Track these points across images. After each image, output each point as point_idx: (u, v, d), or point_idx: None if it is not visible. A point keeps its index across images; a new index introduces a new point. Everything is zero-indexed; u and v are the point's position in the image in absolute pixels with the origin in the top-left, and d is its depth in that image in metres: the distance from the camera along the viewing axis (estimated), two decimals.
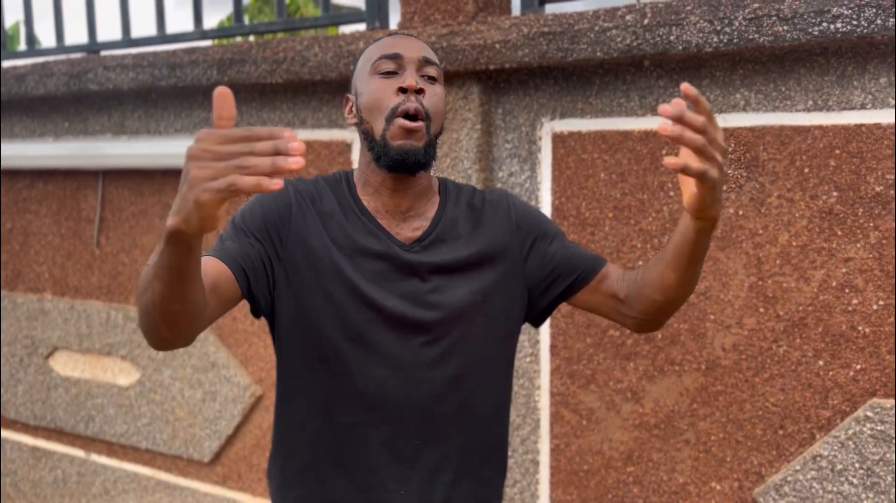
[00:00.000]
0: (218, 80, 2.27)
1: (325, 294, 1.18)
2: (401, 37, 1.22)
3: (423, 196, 1.23)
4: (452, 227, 1.23)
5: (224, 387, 2.48)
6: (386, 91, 1.16)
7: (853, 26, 1.51)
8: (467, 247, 1.22)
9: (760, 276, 1.73)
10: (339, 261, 1.19)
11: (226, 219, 2.24)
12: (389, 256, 1.20)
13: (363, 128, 1.20)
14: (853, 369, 1.66)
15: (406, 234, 1.22)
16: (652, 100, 1.80)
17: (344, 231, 1.20)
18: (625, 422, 1.90)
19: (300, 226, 1.19)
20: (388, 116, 1.15)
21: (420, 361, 1.20)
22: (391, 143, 1.15)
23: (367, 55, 1.23)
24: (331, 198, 1.23)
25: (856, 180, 1.62)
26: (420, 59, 1.18)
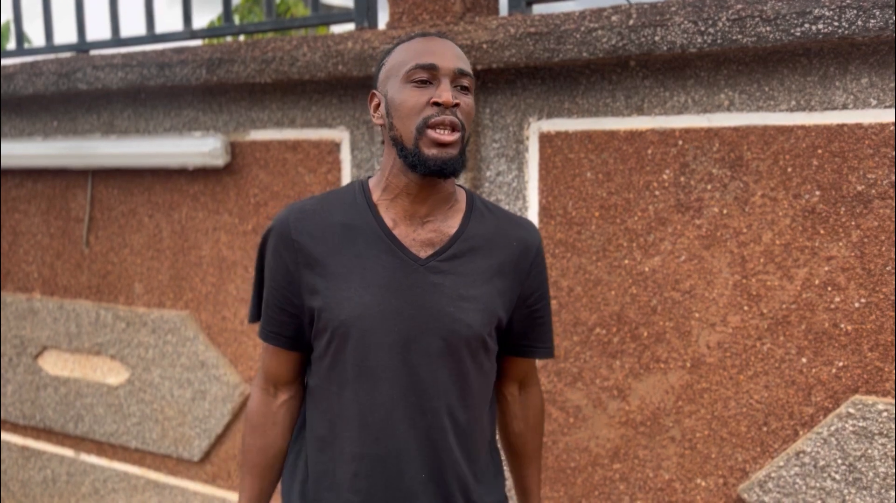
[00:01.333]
0: (207, 79, 2.28)
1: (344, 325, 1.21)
2: (435, 41, 1.20)
3: (444, 202, 1.24)
4: (472, 246, 1.23)
5: (214, 386, 2.48)
6: (420, 100, 1.16)
7: (834, 27, 1.53)
8: (480, 273, 1.23)
9: (745, 275, 1.75)
10: (349, 286, 1.21)
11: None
12: (403, 271, 1.20)
13: (392, 133, 1.19)
14: (836, 366, 1.67)
15: (422, 240, 1.22)
16: (637, 100, 1.82)
17: (354, 252, 1.21)
18: (611, 419, 1.92)
19: (304, 272, 1.23)
20: (419, 126, 1.15)
21: (430, 388, 1.22)
22: (425, 152, 1.15)
23: (399, 58, 1.20)
24: (334, 221, 1.23)
25: (838, 179, 1.64)
26: (455, 70, 1.17)
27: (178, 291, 2.55)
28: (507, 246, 1.26)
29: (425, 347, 1.19)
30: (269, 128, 2.33)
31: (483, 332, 1.21)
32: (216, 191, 2.44)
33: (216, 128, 2.42)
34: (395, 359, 1.19)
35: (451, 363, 1.20)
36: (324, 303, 1.21)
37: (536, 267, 1.30)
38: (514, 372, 1.37)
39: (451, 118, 1.14)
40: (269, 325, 1.31)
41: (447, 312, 1.19)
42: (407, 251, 1.20)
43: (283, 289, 1.26)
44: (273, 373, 1.34)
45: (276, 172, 2.33)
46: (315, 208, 1.26)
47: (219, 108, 2.41)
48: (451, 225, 1.24)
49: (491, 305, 1.22)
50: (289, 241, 1.23)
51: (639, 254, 1.85)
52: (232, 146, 2.39)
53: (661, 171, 1.81)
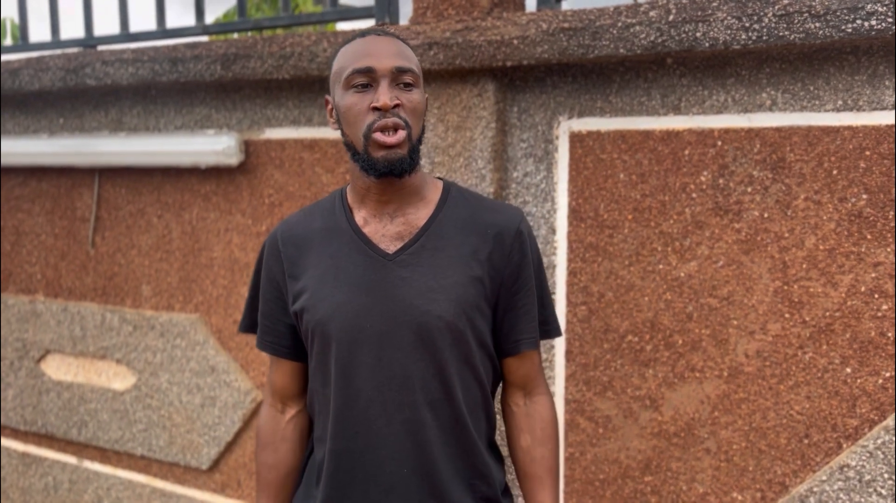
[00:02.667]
0: (222, 75, 2.20)
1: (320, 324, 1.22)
2: (372, 41, 1.20)
3: (413, 196, 1.24)
4: (441, 236, 1.22)
5: (224, 392, 2.40)
6: (360, 107, 1.16)
7: (888, 24, 1.47)
8: (452, 262, 1.20)
9: (786, 281, 1.68)
10: (324, 287, 1.22)
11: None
12: (372, 268, 1.20)
13: (345, 139, 1.21)
14: (882, 377, 1.61)
15: (391, 235, 1.22)
16: (674, 98, 1.75)
17: (329, 253, 1.23)
18: (643, 430, 1.85)
19: (290, 282, 1.27)
20: (364, 133, 1.16)
21: (405, 382, 1.19)
22: (374, 155, 1.16)
23: (339, 64, 1.21)
24: (314, 227, 1.27)
25: (886, 182, 1.58)
26: (393, 70, 1.16)
27: (188, 294, 2.47)
28: (482, 233, 1.23)
29: (398, 341, 1.19)
30: (284, 126, 2.26)
31: (457, 322, 1.19)
32: (229, 191, 2.36)
33: (230, 126, 2.34)
34: (370, 355, 1.19)
35: (428, 356, 1.19)
36: (304, 305, 1.24)
37: (517, 252, 1.25)
38: (514, 376, 1.32)
39: (392, 120, 1.15)
40: (266, 335, 1.34)
41: (416, 305, 1.18)
42: (375, 247, 1.22)
43: (276, 299, 1.31)
44: (279, 387, 1.35)
45: (292, 172, 2.26)
46: (300, 219, 1.31)
47: (233, 106, 2.33)
48: (420, 216, 1.24)
49: (463, 294, 1.20)
50: (277, 253, 1.30)
51: (674, 259, 1.78)
52: (246, 145, 2.31)
53: (698, 172, 1.74)
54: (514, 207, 1.29)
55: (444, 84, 1.94)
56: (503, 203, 1.31)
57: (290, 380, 1.34)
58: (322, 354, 1.23)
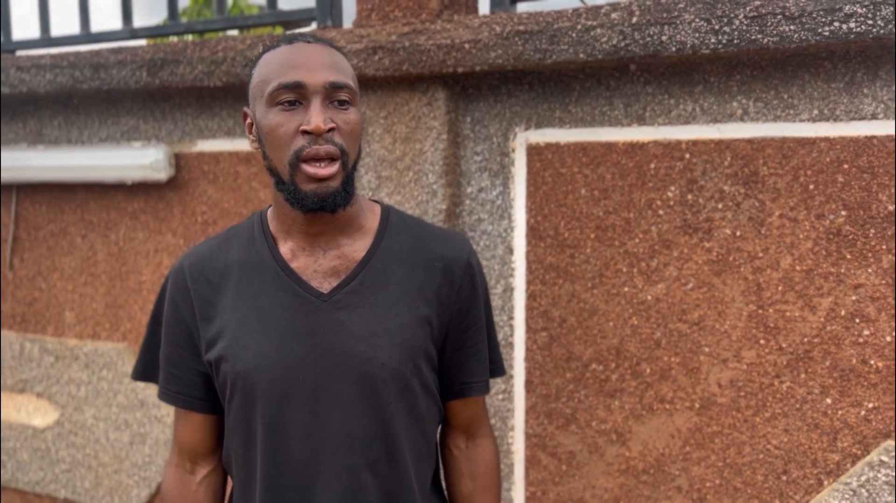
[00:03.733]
0: (148, 82, 2.01)
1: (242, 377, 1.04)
2: (302, 49, 1.01)
3: (348, 226, 1.07)
4: (383, 271, 1.05)
5: (155, 428, 2.20)
6: (286, 129, 0.98)
7: (868, 26, 1.35)
8: (396, 301, 1.04)
9: (761, 304, 1.55)
10: (246, 333, 1.04)
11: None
12: (304, 310, 1.03)
13: (267, 163, 1.03)
14: (865, 408, 1.49)
15: (325, 271, 1.05)
16: (639, 108, 1.62)
17: (249, 293, 1.05)
18: (609, 466, 1.70)
19: (202, 324, 1.08)
20: (291, 161, 0.98)
21: (344, 442, 1.03)
22: (302, 187, 0.98)
23: (261, 75, 1.02)
24: (230, 260, 1.08)
25: (866, 198, 1.46)
26: (326, 86, 0.98)
27: (115, 321, 2.26)
28: (429, 266, 1.07)
29: (335, 395, 1.02)
30: (219, 137, 2.08)
31: (404, 370, 1.03)
32: (158, 208, 2.17)
33: (158, 137, 2.15)
34: (303, 412, 1.02)
35: (370, 410, 1.03)
36: (221, 355, 1.06)
37: (467, 286, 1.10)
38: (458, 419, 1.17)
39: (325, 147, 0.97)
40: (172, 385, 1.14)
41: (357, 352, 1.02)
42: (307, 286, 1.04)
43: (183, 344, 1.11)
44: (188, 444, 1.15)
45: (227, 187, 2.07)
46: (212, 250, 1.11)
47: (161, 116, 2.14)
48: (358, 248, 1.07)
49: (410, 338, 1.04)
50: (185, 291, 1.10)
51: (640, 281, 1.64)
52: (176, 158, 2.12)
53: (665, 187, 1.61)
54: (459, 236, 1.14)
55: (391, 92, 1.78)
56: (448, 231, 1.15)
57: (202, 435, 1.15)
58: (244, 411, 1.05)
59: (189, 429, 1.15)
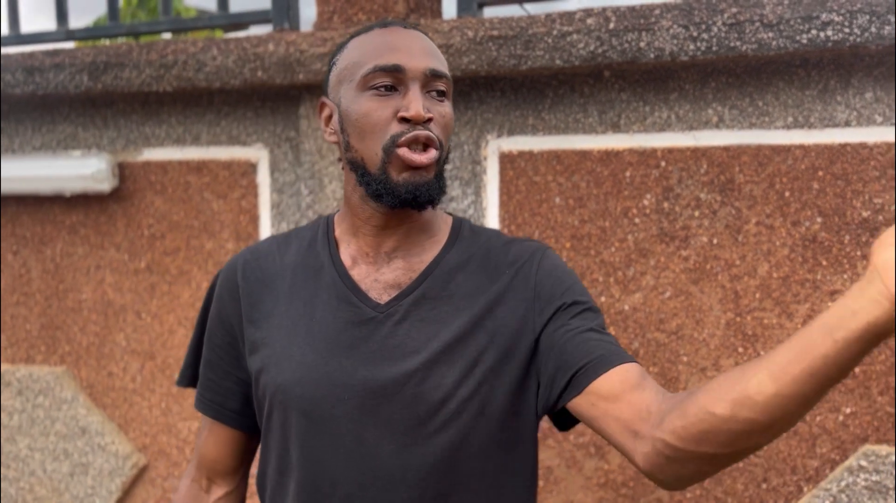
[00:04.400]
0: (90, 87, 1.88)
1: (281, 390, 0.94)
2: (398, 32, 0.94)
3: (420, 234, 0.97)
4: (447, 282, 0.94)
5: (98, 457, 2.05)
6: (383, 115, 0.90)
7: (845, 34, 1.36)
8: (460, 314, 0.92)
9: (738, 312, 1.55)
10: (293, 341, 0.94)
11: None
12: (358, 322, 0.93)
13: (350, 156, 0.94)
14: (843, 413, 1.50)
15: (386, 281, 0.95)
16: (613, 115, 1.60)
17: (303, 298, 0.96)
18: (588, 481, 1.67)
19: (248, 327, 0.98)
20: (386, 146, 0.89)
21: (396, 475, 0.90)
22: (395, 177, 0.90)
23: (354, 57, 0.94)
24: (287, 262, 0.99)
25: (841, 205, 1.48)
26: (427, 72, 0.91)
27: (52, 343, 2.10)
28: (498, 273, 0.96)
29: (385, 421, 0.90)
30: (167, 146, 1.96)
31: (464, 392, 0.89)
32: (100, 221, 2.03)
33: (100, 146, 2.02)
34: (347, 438, 0.90)
35: (427, 438, 0.89)
36: (263, 364, 0.96)
37: (547, 277, 0.94)
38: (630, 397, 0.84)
39: (425, 133, 0.90)
40: (206, 391, 1.04)
41: (411, 372, 0.90)
42: (363, 295, 0.94)
43: (226, 346, 1.01)
44: (209, 458, 1.04)
45: (177, 199, 1.95)
46: (270, 249, 1.02)
47: (103, 123, 2.01)
48: (424, 259, 0.97)
49: (474, 356, 0.91)
50: (234, 289, 1.01)
51: (617, 291, 1.62)
52: (120, 168, 1.99)
53: (641, 196, 1.59)
54: (533, 240, 1.02)
55: None
56: (521, 238, 1.03)
57: (226, 452, 1.04)
58: (282, 430, 0.94)
59: (212, 442, 1.04)
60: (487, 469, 0.93)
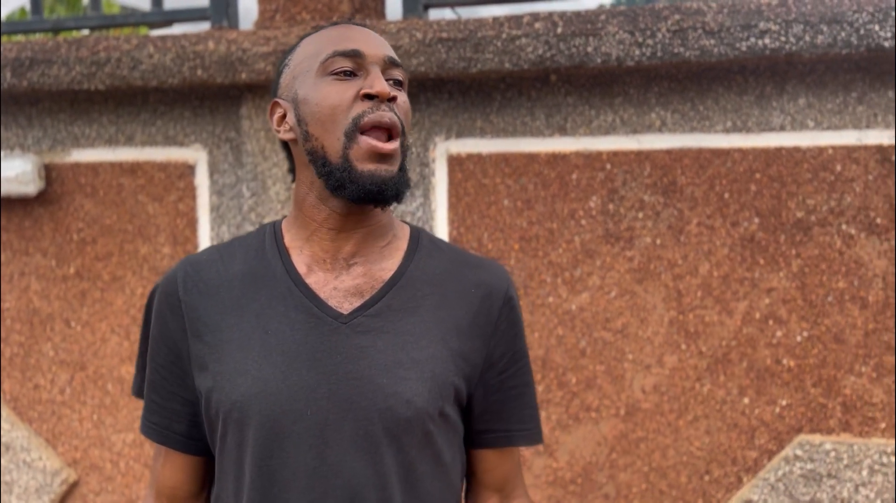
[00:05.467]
0: (13, 84, 1.78)
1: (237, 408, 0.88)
2: (353, 27, 0.93)
3: (378, 238, 0.93)
4: (413, 295, 0.92)
5: (23, 474, 1.94)
6: (345, 96, 0.86)
7: (781, 42, 1.43)
8: (428, 330, 0.91)
9: (681, 310, 1.60)
10: (246, 356, 0.89)
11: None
12: (318, 333, 0.88)
13: (309, 146, 0.89)
14: (779, 405, 1.57)
15: (346, 289, 0.91)
16: (560, 118, 1.63)
17: (254, 310, 0.90)
18: (537, 479, 1.69)
19: (193, 343, 0.93)
20: (348, 130, 0.86)
21: (359, 492, 0.87)
22: (358, 166, 0.85)
23: (309, 50, 0.91)
24: (233, 272, 0.94)
25: (777, 206, 1.54)
26: (385, 58, 0.89)
27: None
28: (464, 293, 0.94)
29: (350, 437, 0.87)
30: (97, 146, 1.87)
31: (431, 410, 0.89)
32: (25, 226, 1.92)
33: (25, 146, 1.91)
34: (309, 455, 0.87)
35: (389, 456, 0.88)
36: (214, 382, 0.90)
37: (506, 320, 0.95)
38: (491, 475, 0.99)
39: (390, 115, 0.86)
40: (151, 415, 0.97)
41: (379, 385, 0.87)
42: (324, 305, 0.89)
43: (169, 366, 0.94)
44: (166, 486, 0.98)
45: (109, 202, 1.87)
46: (212, 258, 0.95)
47: (27, 122, 1.91)
48: (386, 267, 0.93)
49: (441, 372, 0.89)
50: (175, 304, 0.94)
51: (564, 291, 1.64)
52: (47, 169, 1.89)
53: (587, 197, 1.62)
54: (498, 265, 1.01)
55: None
56: (485, 258, 1.02)
57: (183, 478, 0.98)
58: (238, 451, 0.89)
59: (169, 469, 0.98)
60: (440, 490, 0.93)
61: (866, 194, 1.50)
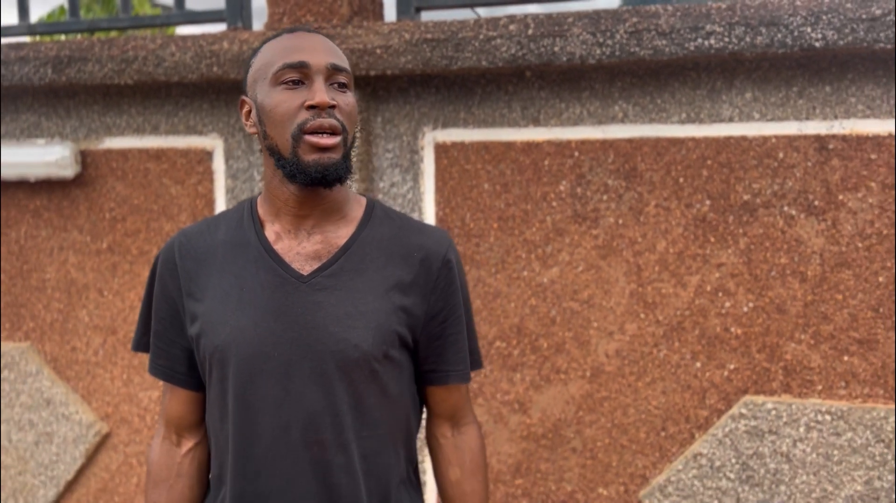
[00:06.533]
0: (54, 79, 2.01)
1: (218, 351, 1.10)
2: (303, 36, 1.10)
3: (334, 212, 1.13)
4: (363, 258, 1.12)
5: (62, 426, 2.19)
6: (292, 105, 1.06)
7: (725, 43, 1.60)
8: (373, 287, 1.11)
9: (640, 283, 1.78)
10: (226, 309, 1.11)
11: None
12: (283, 290, 1.09)
13: (267, 142, 1.10)
14: (727, 369, 1.74)
15: (307, 254, 1.11)
16: (534, 111, 1.81)
17: (233, 271, 1.12)
18: (512, 434, 1.88)
19: (187, 300, 1.15)
20: (295, 134, 1.05)
21: (316, 418, 1.09)
22: (305, 159, 1.05)
23: (265, 59, 1.10)
24: (217, 240, 1.15)
25: (726, 189, 1.71)
26: (328, 66, 1.07)
27: (17, 320, 2.23)
28: (407, 256, 1.14)
29: (308, 373, 1.08)
30: (127, 135, 2.10)
31: (376, 352, 1.09)
32: (63, 205, 2.16)
33: (63, 134, 2.15)
34: (276, 388, 1.08)
35: (341, 389, 1.09)
36: (200, 329, 1.12)
37: (444, 279, 1.15)
38: (441, 407, 1.22)
39: (329, 121, 1.05)
40: (158, 359, 1.20)
41: (331, 332, 1.08)
42: (288, 267, 1.11)
43: (170, 318, 1.17)
44: (174, 416, 1.21)
45: (136, 184, 2.10)
46: (202, 230, 1.18)
47: (66, 113, 2.14)
48: (341, 235, 1.13)
49: (385, 322, 1.10)
50: (173, 267, 1.16)
51: (537, 266, 1.83)
52: (83, 155, 2.13)
53: (557, 182, 1.81)
54: (441, 231, 1.19)
55: None
56: (430, 226, 1.20)
57: (186, 409, 1.20)
58: (220, 385, 1.11)
59: (174, 403, 1.20)
60: (386, 418, 1.14)
61: (805, 179, 1.66)
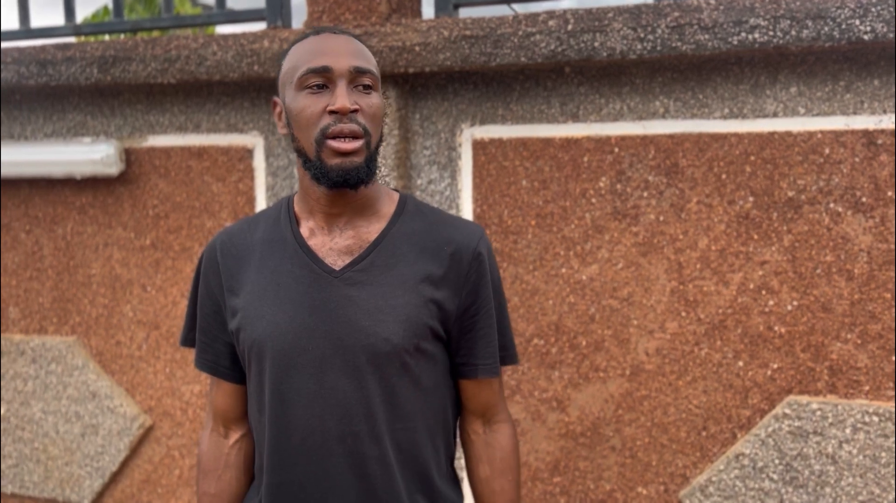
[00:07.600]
0: (99, 78, 2.05)
1: (256, 345, 1.13)
2: (328, 38, 1.11)
3: (366, 208, 1.15)
4: (393, 252, 1.13)
5: (107, 419, 2.24)
6: (314, 110, 1.07)
7: (769, 37, 1.57)
8: (404, 281, 1.11)
9: (681, 281, 1.76)
10: (263, 304, 1.13)
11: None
12: (317, 285, 1.11)
13: (295, 144, 1.12)
14: (770, 368, 1.71)
15: (339, 249, 1.13)
16: (573, 107, 1.80)
17: (270, 267, 1.15)
18: (550, 431, 1.88)
19: (228, 296, 1.17)
20: (318, 138, 1.07)
21: (350, 409, 1.10)
22: (328, 162, 1.07)
23: (291, 62, 1.12)
24: (256, 238, 1.18)
25: (769, 185, 1.68)
26: (351, 70, 1.08)
27: (63, 315, 2.28)
28: (438, 250, 1.14)
29: (341, 366, 1.10)
30: (170, 133, 2.14)
31: (406, 345, 1.10)
32: (108, 202, 2.21)
33: (108, 133, 2.19)
34: (310, 381, 1.10)
35: (373, 382, 1.10)
36: (240, 324, 1.15)
37: (475, 273, 1.15)
38: (473, 402, 1.22)
39: (349, 126, 1.06)
40: (203, 353, 1.24)
41: (362, 327, 1.09)
42: (321, 262, 1.13)
43: (214, 314, 1.21)
44: (220, 409, 1.24)
45: (179, 181, 2.14)
46: (241, 228, 1.22)
47: (111, 112, 2.18)
48: (372, 230, 1.15)
49: (415, 315, 1.10)
50: (215, 266, 1.20)
51: (576, 263, 1.82)
52: (127, 153, 2.17)
53: (597, 178, 1.79)
54: (473, 225, 1.19)
55: None
56: (462, 219, 1.20)
57: (232, 401, 1.23)
58: (258, 378, 1.14)
59: (220, 396, 1.23)
60: (421, 410, 1.15)
61: (852, 175, 1.63)
